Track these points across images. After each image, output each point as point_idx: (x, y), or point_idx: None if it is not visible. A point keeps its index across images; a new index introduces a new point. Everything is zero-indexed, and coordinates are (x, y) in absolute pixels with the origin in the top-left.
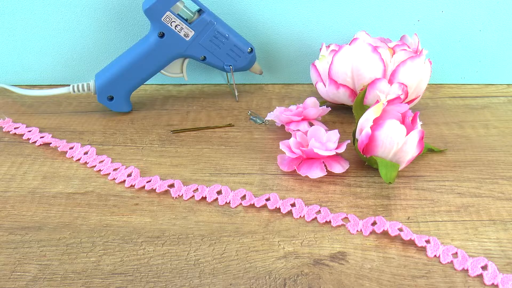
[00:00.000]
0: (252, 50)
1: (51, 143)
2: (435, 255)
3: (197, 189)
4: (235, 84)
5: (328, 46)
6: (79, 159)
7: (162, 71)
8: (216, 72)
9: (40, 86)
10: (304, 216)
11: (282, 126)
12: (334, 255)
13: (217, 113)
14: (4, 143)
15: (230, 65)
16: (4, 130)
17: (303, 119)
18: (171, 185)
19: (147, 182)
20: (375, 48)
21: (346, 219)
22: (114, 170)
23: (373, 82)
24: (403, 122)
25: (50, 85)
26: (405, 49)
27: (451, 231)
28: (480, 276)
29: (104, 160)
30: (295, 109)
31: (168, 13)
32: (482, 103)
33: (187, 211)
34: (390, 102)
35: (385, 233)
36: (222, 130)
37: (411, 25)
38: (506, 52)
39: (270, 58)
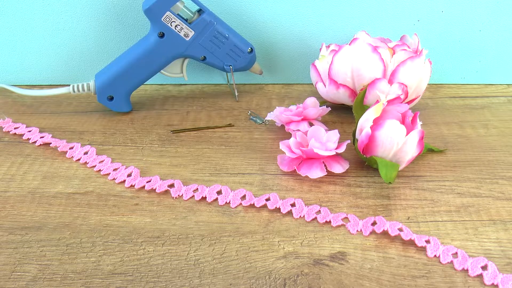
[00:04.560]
0: (252, 50)
1: (51, 143)
2: (435, 255)
3: (197, 189)
4: (235, 84)
5: (328, 46)
6: (79, 159)
7: (162, 71)
8: (216, 72)
9: (40, 86)
10: (304, 216)
11: (282, 126)
12: (334, 255)
13: (217, 113)
14: (4, 143)
15: (230, 65)
16: (4, 130)
17: (303, 119)
18: (171, 185)
19: (147, 182)
20: (375, 48)
21: (346, 219)
22: (114, 170)
23: (373, 82)
24: (403, 122)
25: (50, 85)
26: (405, 49)
27: (451, 231)
28: (480, 276)
29: (104, 160)
30: (295, 109)
31: (168, 13)
32: (482, 103)
33: (187, 211)
34: (390, 102)
35: (385, 233)
36: (222, 130)
37: (411, 25)
38: (506, 52)
39: (270, 58)
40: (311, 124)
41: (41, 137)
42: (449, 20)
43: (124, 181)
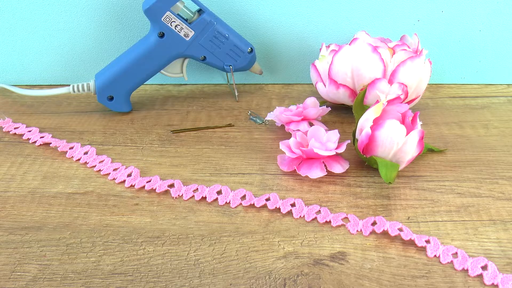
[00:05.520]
0: (252, 50)
1: (51, 143)
2: (435, 255)
3: (197, 189)
4: (235, 84)
5: (328, 46)
6: (79, 159)
7: (162, 71)
8: (216, 72)
9: (40, 86)
10: (304, 216)
11: (282, 126)
12: (334, 255)
13: (217, 113)
14: (4, 143)
15: (230, 65)
16: (4, 130)
17: (303, 119)
18: (171, 185)
19: (147, 182)
20: (375, 48)
21: (346, 219)
22: (114, 170)
23: (373, 82)
24: (403, 122)
25: (50, 85)
26: (405, 49)
27: (451, 231)
28: (480, 276)
29: (104, 160)
30: (295, 109)
31: (168, 13)
32: (482, 103)
33: (187, 211)
34: (390, 102)
35: (385, 233)
36: (222, 130)
37: (411, 25)
38: (506, 52)
39: (270, 58)
40: (311, 124)
41: (41, 137)
42: (449, 20)
43: (124, 181)
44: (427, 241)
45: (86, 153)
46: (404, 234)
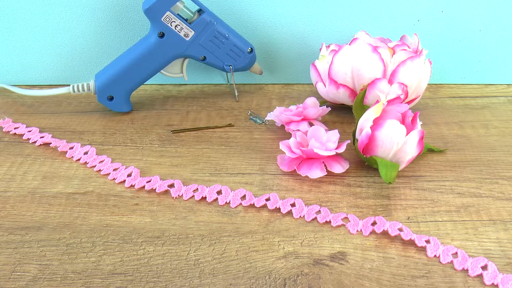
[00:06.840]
0: (252, 50)
1: (51, 143)
2: (435, 255)
3: (197, 189)
4: (235, 84)
5: (328, 46)
6: (79, 159)
7: (162, 71)
8: (216, 72)
9: (40, 86)
10: (304, 216)
11: (282, 126)
12: (334, 255)
13: (217, 113)
14: (4, 143)
15: (230, 65)
16: (4, 130)
17: (303, 119)
18: (171, 185)
19: (147, 182)
20: (375, 48)
21: (346, 219)
22: (114, 170)
23: (373, 82)
24: (403, 122)
25: (50, 85)
26: (405, 49)
27: (451, 231)
28: (480, 276)
29: (104, 160)
30: (295, 109)
31: (168, 13)
32: (482, 103)
33: (187, 211)
34: (390, 102)
35: (385, 233)
36: (222, 130)
37: (411, 25)
38: (506, 52)
39: (270, 58)
40: (311, 124)
41: (41, 137)
42: (449, 20)
43: (124, 181)
44: (427, 241)
45: (86, 153)
46: (404, 234)
